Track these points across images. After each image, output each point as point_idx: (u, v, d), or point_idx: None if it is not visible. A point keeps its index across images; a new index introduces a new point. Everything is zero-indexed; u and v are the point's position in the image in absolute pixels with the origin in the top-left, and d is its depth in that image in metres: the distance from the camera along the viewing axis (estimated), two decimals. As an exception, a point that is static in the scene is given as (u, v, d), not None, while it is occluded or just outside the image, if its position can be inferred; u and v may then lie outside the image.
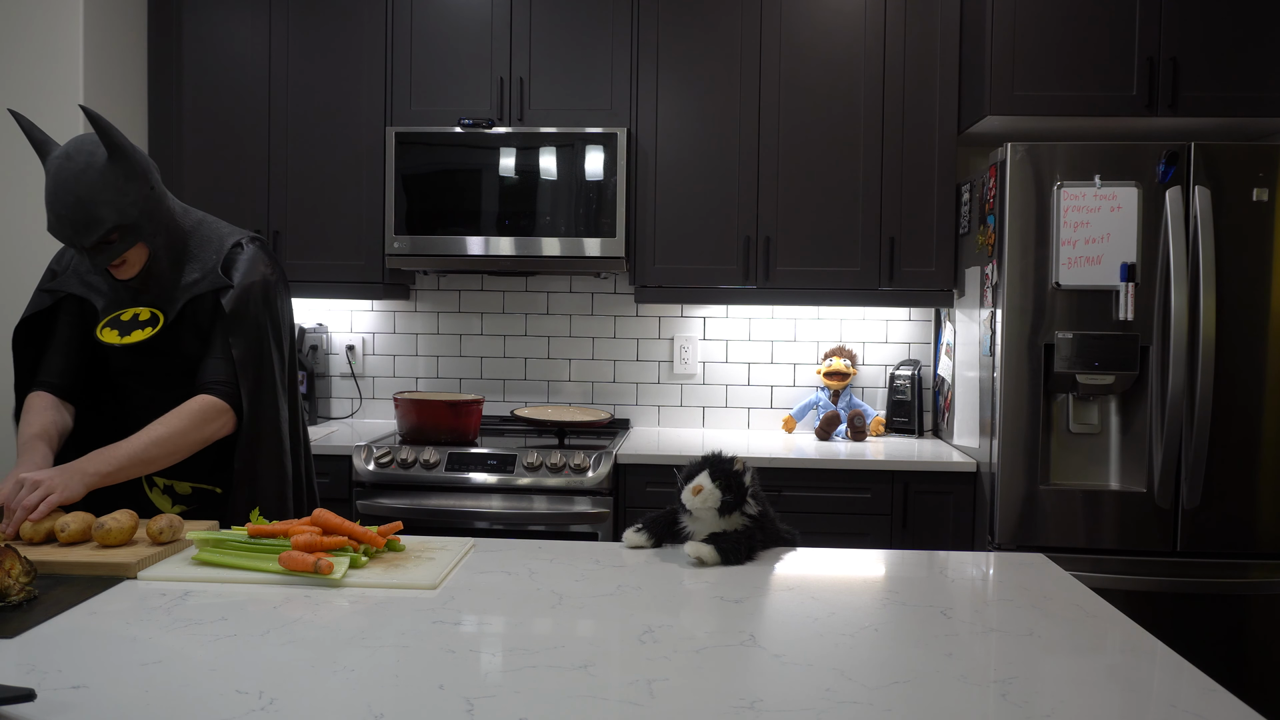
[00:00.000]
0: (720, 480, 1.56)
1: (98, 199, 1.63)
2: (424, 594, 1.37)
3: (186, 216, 1.84)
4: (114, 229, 1.67)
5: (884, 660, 1.14)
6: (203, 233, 1.85)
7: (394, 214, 3.07)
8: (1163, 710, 1.02)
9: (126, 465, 1.66)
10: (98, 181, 1.63)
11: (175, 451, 1.72)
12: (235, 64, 3.22)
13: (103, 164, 1.63)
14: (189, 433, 1.72)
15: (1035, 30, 2.86)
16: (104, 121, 1.62)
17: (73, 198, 1.62)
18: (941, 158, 3.06)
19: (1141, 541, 2.61)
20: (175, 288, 1.80)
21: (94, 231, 1.65)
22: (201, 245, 1.83)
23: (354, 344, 3.55)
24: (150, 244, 1.75)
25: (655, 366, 3.49)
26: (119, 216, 1.66)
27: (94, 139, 1.66)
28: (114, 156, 1.64)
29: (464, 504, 2.79)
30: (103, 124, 1.62)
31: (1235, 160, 2.58)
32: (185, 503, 1.89)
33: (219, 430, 1.77)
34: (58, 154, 1.64)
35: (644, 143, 3.11)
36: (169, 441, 1.70)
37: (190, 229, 1.83)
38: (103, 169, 1.63)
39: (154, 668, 1.08)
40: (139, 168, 1.68)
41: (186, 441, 1.73)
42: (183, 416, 1.73)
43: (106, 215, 1.64)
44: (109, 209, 1.64)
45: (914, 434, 3.31)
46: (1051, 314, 2.62)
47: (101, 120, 1.62)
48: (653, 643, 1.19)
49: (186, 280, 1.81)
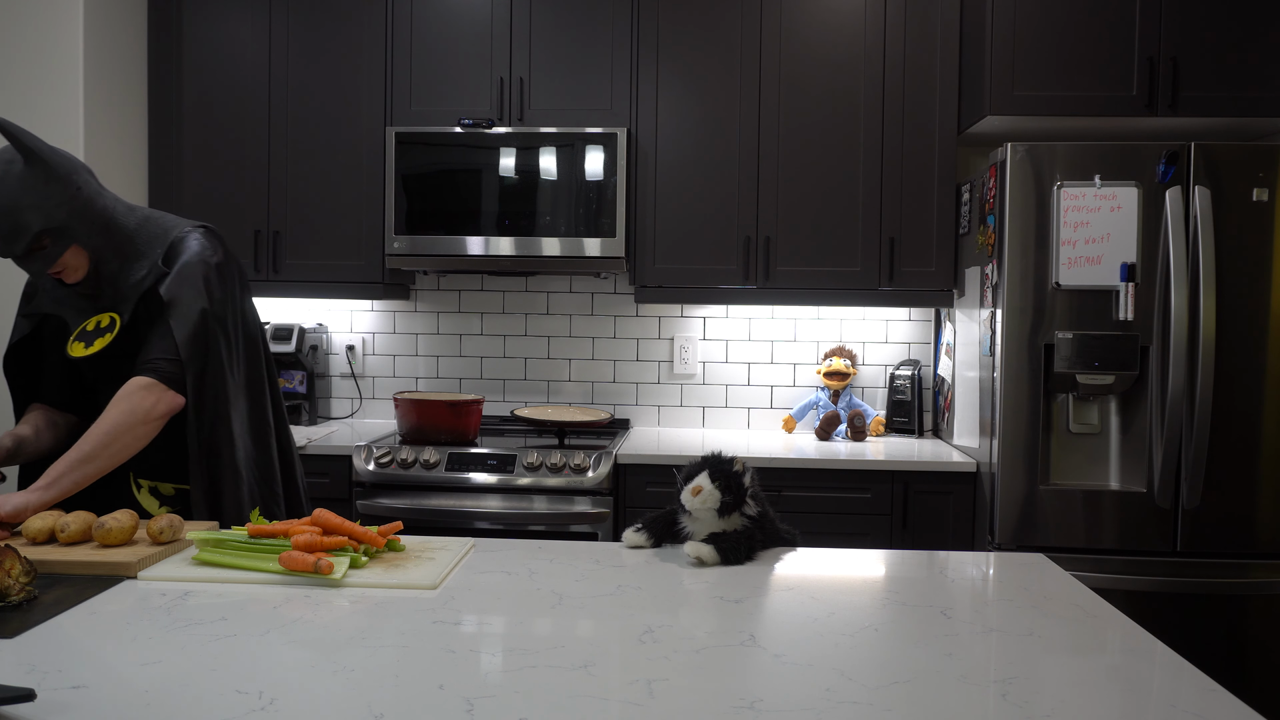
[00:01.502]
0: (720, 481, 1.55)
1: (19, 204, 1.62)
2: (424, 594, 1.37)
3: (131, 215, 1.81)
4: (42, 233, 1.66)
5: (884, 660, 1.14)
6: (149, 229, 1.82)
7: (394, 214, 3.07)
8: (1163, 710, 1.02)
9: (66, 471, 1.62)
10: (16, 187, 1.62)
11: (118, 439, 1.66)
12: (235, 64, 3.22)
13: (20, 170, 1.63)
14: (124, 418, 1.67)
15: (1035, 30, 2.86)
16: (15, 128, 1.61)
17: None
18: (941, 158, 3.06)
19: (1141, 541, 2.61)
20: (126, 286, 1.79)
21: (21, 238, 1.64)
22: (149, 242, 1.81)
23: (354, 344, 3.55)
24: (87, 245, 1.73)
25: (655, 366, 3.49)
26: (44, 220, 1.65)
27: (9, 147, 1.65)
28: (30, 161, 1.63)
29: (464, 504, 2.79)
30: (13, 130, 1.61)
31: (1235, 160, 2.58)
32: (170, 503, 1.89)
33: (156, 406, 1.70)
34: None
35: (644, 143, 3.12)
36: (107, 433, 1.65)
37: (135, 227, 1.81)
38: (20, 175, 1.62)
39: (154, 668, 1.08)
40: (59, 169, 1.67)
41: (125, 427, 1.67)
42: (116, 403, 1.69)
43: (31, 220, 1.63)
44: (33, 213, 1.63)
45: (914, 434, 3.31)
46: (1051, 314, 2.62)
47: (10, 125, 1.61)
48: (653, 643, 1.19)
49: (135, 278, 1.79)
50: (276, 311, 3.55)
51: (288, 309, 3.55)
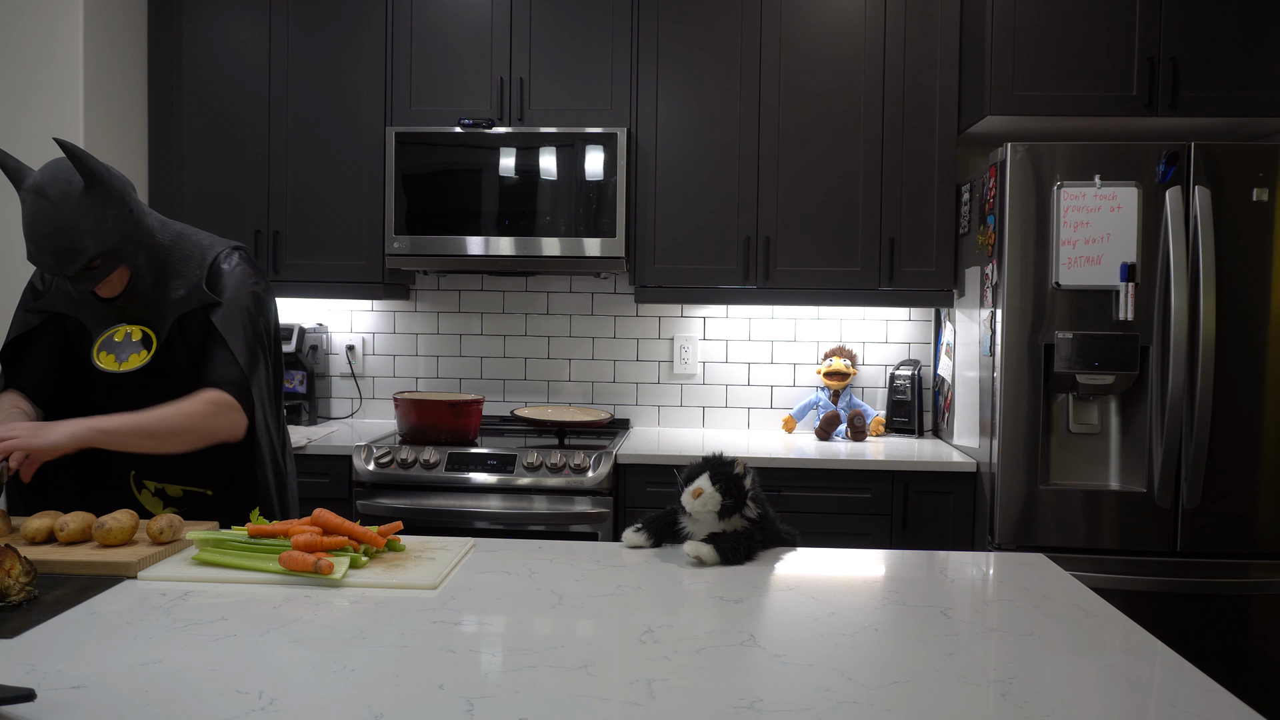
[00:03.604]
0: (720, 483, 1.55)
1: (78, 228, 1.61)
2: (424, 594, 1.37)
3: (165, 231, 1.82)
4: (96, 256, 1.65)
5: (884, 660, 1.14)
6: (183, 246, 1.83)
7: (394, 214, 3.07)
8: (1163, 710, 1.02)
9: (126, 429, 1.60)
10: (76, 211, 1.61)
11: (181, 433, 1.66)
12: (235, 64, 3.22)
13: (80, 193, 1.61)
14: (198, 420, 1.67)
15: (1035, 30, 2.86)
16: (78, 149, 1.60)
17: (51, 228, 1.60)
18: (941, 158, 3.06)
19: (1141, 541, 2.61)
20: (163, 304, 1.79)
21: (77, 261, 1.63)
22: (184, 259, 1.81)
23: (354, 344, 3.55)
24: (132, 265, 1.73)
25: (655, 366, 3.49)
26: (100, 244, 1.64)
27: (69, 166, 1.64)
28: (90, 184, 1.62)
29: (464, 504, 2.79)
30: (77, 152, 1.60)
31: (1235, 160, 2.58)
32: (176, 505, 1.88)
33: (228, 425, 1.73)
34: (31, 184, 1.61)
35: (644, 143, 3.12)
36: (177, 421, 1.65)
37: (170, 243, 1.81)
38: (80, 198, 1.61)
39: (154, 668, 1.08)
40: (115, 192, 1.66)
41: (194, 426, 1.67)
42: (196, 402, 1.69)
43: (88, 244, 1.63)
44: (90, 238, 1.63)
45: (914, 434, 3.31)
46: (1051, 314, 2.62)
47: (75, 149, 1.60)
48: (653, 643, 1.19)
49: (173, 297, 1.79)
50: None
51: (288, 309, 3.55)
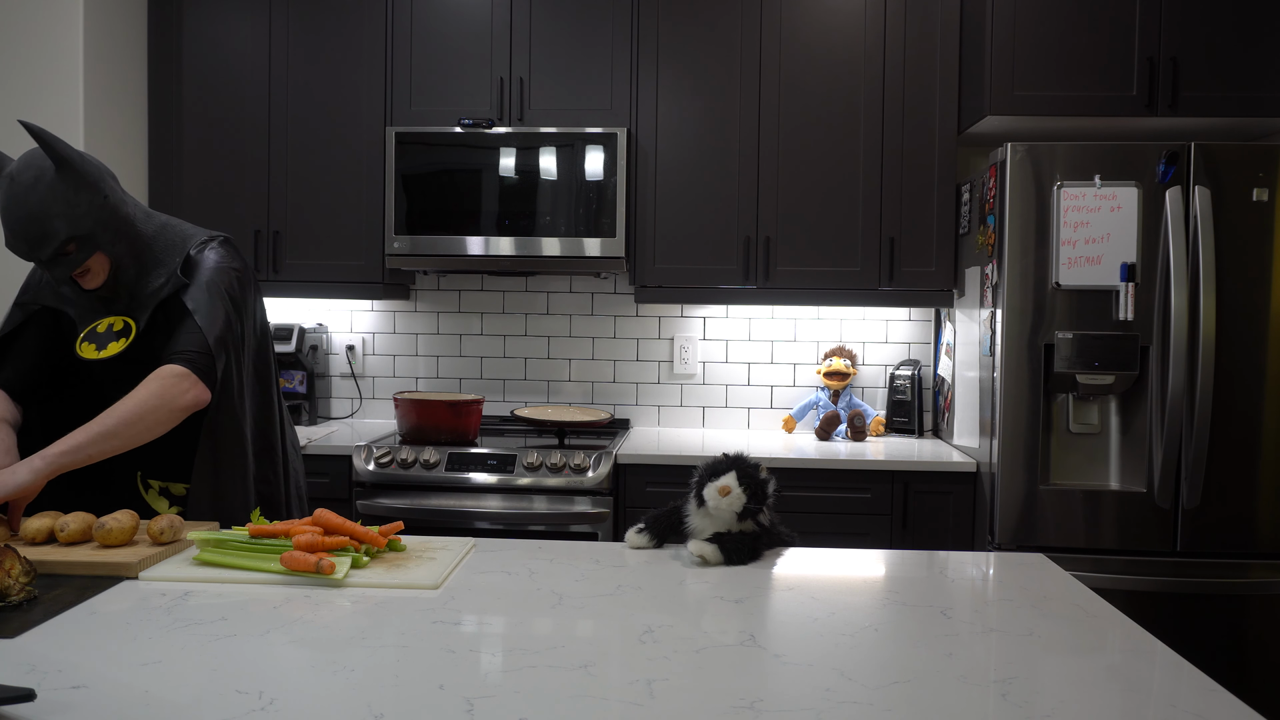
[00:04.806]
0: (746, 484, 1.55)
1: (49, 212, 1.62)
2: (425, 594, 1.37)
3: (149, 221, 1.82)
4: (69, 240, 1.66)
5: (884, 660, 1.14)
6: (166, 237, 1.83)
7: (394, 214, 3.07)
8: (1163, 710, 1.02)
9: (85, 441, 1.57)
10: (47, 195, 1.62)
11: (139, 421, 1.62)
12: (235, 64, 3.22)
13: (51, 177, 1.63)
14: (151, 400, 1.64)
15: (1035, 30, 2.86)
16: (47, 134, 1.61)
17: (24, 212, 1.61)
18: (941, 158, 3.06)
19: (1141, 541, 2.61)
20: (143, 294, 1.79)
21: (48, 245, 1.64)
22: (166, 250, 1.81)
23: (354, 344, 3.55)
24: (110, 252, 1.73)
25: (655, 366, 3.49)
26: (72, 228, 1.65)
27: (42, 153, 1.65)
28: (61, 168, 1.63)
29: (464, 504, 2.80)
30: (46, 137, 1.61)
31: (1235, 160, 2.58)
32: (182, 504, 1.89)
33: (184, 396, 1.67)
34: (7, 171, 1.63)
35: (644, 143, 3.12)
36: (132, 411, 1.62)
37: (153, 234, 1.81)
38: (51, 182, 1.62)
39: (154, 668, 1.08)
40: (88, 177, 1.67)
41: (150, 407, 1.63)
42: (146, 385, 1.66)
43: (59, 228, 1.64)
44: (61, 221, 1.64)
45: (914, 434, 3.31)
46: (1051, 314, 2.62)
47: (44, 133, 1.61)
48: (653, 643, 1.19)
49: (153, 286, 1.79)
50: (276, 311, 3.55)
51: (288, 309, 3.55)
